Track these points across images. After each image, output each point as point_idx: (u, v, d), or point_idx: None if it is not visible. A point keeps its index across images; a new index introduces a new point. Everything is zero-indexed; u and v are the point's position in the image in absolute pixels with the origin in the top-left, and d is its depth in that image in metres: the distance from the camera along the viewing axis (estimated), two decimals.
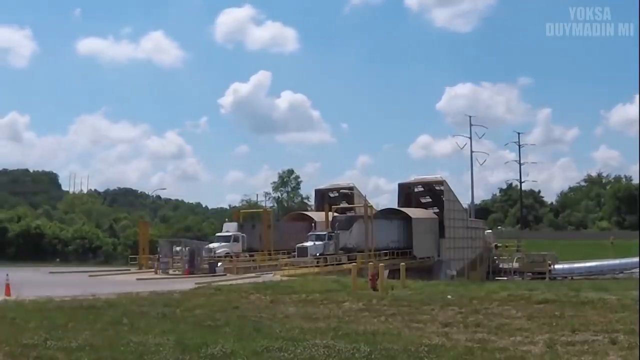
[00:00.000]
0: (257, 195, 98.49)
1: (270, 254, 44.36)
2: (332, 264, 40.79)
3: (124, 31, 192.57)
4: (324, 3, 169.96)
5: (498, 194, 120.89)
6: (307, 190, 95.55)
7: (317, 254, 42.24)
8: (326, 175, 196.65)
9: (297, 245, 43.36)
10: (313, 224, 51.16)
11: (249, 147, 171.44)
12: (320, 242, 43.59)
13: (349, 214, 50.94)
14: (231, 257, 41.93)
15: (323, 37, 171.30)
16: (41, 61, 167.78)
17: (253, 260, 42.72)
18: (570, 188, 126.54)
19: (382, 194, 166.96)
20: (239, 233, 45.69)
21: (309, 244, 43.24)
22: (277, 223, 54.77)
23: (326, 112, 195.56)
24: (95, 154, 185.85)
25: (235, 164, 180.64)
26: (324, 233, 44.86)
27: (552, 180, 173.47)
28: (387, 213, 53.04)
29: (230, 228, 47.75)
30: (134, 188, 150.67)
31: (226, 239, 44.56)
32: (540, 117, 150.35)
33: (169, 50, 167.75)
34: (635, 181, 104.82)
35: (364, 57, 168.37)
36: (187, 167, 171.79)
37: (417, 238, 49.38)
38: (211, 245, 42.90)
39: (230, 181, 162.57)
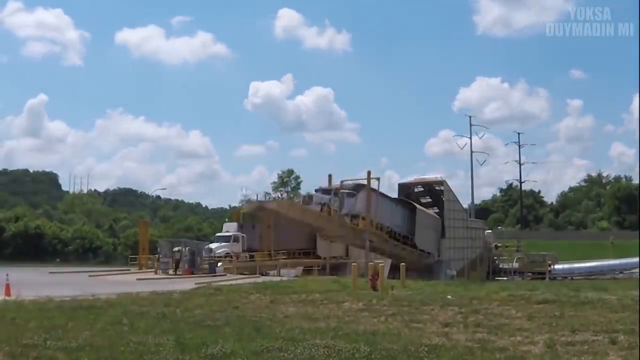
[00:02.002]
0: (257, 195, 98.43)
1: (270, 254, 44.41)
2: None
3: (173, 28, 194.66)
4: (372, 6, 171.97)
5: (498, 194, 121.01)
6: (308, 190, 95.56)
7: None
8: (345, 174, 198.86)
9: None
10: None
11: (275, 145, 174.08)
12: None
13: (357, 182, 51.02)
14: (231, 257, 41.99)
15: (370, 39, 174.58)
16: (80, 55, 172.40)
17: (252, 261, 42.82)
18: (570, 188, 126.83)
19: (395, 191, 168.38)
20: (239, 233, 45.73)
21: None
22: (278, 223, 54.73)
23: (354, 112, 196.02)
24: (118, 151, 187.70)
25: (257, 162, 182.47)
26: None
27: (562, 179, 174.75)
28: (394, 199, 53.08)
29: (230, 228, 47.86)
30: (133, 188, 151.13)
31: (226, 239, 44.67)
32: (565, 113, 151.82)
33: (213, 50, 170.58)
34: (635, 181, 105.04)
35: (400, 57, 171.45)
36: (208, 166, 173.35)
37: (420, 229, 49.44)
38: (211, 246, 42.99)
39: (252, 180, 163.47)
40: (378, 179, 49.32)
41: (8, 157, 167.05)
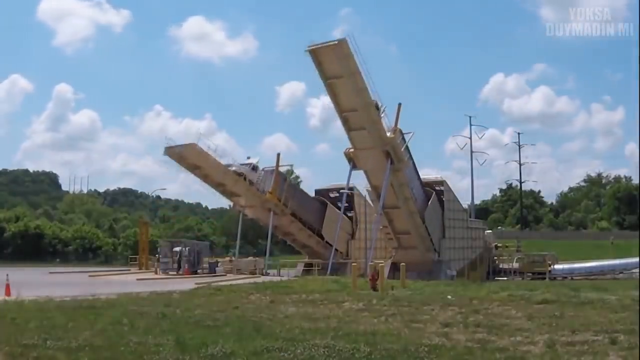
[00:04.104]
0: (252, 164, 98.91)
1: (279, 200, 47.32)
2: None
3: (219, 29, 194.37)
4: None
5: (498, 194, 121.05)
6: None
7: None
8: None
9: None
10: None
11: (300, 144, 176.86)
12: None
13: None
14: (245, 178, 46.15)
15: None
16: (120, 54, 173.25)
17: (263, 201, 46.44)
18: (570, 188, 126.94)
19: None
20: (259, 166, 49.56)
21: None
22: (299, 192, 56.38)
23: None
24: (140, 149, 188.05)
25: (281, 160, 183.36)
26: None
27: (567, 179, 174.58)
28: None
29: (253, 161, 51.13)
30: (133, 188, 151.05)
31: (246, 165, 48.57)
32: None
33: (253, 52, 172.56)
34: (635, 181, 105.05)
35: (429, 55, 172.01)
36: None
37: (429, 213, 49.32)
38: (230, 162, 47.26)
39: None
40: (412, 133, 49.01)
41: (31, 154, 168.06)
